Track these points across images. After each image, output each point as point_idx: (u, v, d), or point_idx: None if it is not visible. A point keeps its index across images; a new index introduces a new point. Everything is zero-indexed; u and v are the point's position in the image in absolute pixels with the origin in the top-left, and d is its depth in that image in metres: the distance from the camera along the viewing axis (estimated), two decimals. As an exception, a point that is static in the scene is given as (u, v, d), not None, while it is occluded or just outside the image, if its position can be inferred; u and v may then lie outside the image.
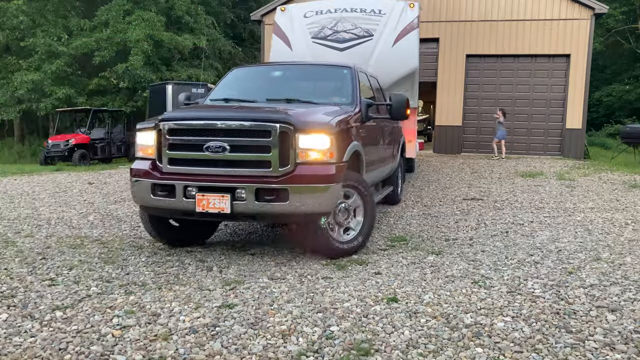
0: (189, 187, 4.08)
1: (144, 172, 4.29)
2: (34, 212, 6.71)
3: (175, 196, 4.10)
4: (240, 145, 4.06)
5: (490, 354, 2.50)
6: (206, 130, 4.15)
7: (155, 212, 4.44)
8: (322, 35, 7.99)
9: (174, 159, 4.21)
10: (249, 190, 3.96)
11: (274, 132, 3.96)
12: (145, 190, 4.23)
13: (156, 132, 4.28)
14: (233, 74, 5.99)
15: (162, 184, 4.18)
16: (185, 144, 4.22)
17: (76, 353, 2.49)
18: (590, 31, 16.43)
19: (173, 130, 4.22)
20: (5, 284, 3.50)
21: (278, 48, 8.25)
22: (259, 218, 4.22)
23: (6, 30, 20.88)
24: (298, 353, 2.51)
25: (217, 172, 4.09)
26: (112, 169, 13.36)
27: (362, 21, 8.01)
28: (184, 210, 4.15)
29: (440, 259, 4.40)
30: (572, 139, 16.66)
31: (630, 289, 3.42)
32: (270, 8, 19.70)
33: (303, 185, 3.98)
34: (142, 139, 4.47)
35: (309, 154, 4.06)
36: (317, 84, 5.88)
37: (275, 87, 5.76)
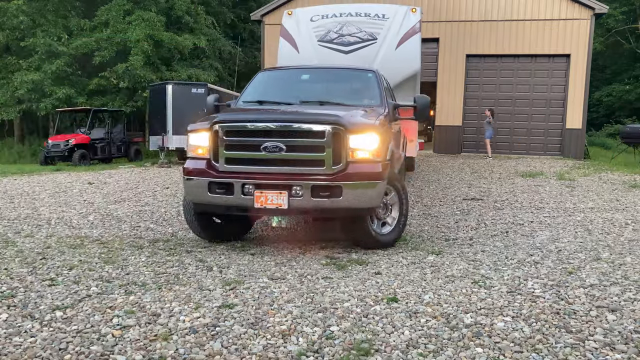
0: (247, 184, 4.32)
1: (200, 171, 4.51)
2: (34, 212, 6.71)
3: (234, 193, 4.34)
4: (296, 146, 4.33)
5: (490, 354, 2.50)
6: (263, 132, 4.40)
7: (210, 208, 4.66)
8: (328, 38, 8.22)
9: (231, 158, 4.44)
10: (306, 187, 4.23)
11: (328, 133, 4.26)
12: (202, 188, 4.46)
13: (211, 133, 4.48)
14: (261, 77, 6.16)
15: (220, 182, 4.40)
16: (242, 145, 4.47)
17: (76, 353, 2.49)
18: (590, 31, 16.44)
19: (230, 132, 4.45)
20: (5, 284, 3.50)
21: (285, 50, 8.47)
22: (314, 213, 4.53)
23: (6, 30, 20.89)
24: (298, 353, 2.51)
25: (273, 170, 4.34)
26: (112, 169, 13.36)
27: (367, 25, 8.23)
28: (242, 206, 4.39)
29: (440, 259, 4.40)
30: (572, 139, 16.67)
31: (630, 289, 3.42)
32: (270, 8, 19.72)
33: (355, 182, 4.27)
34: (196, 139, 4.64)
35: (359, 153, 4.35)
36: (345, 87, 6.08)
37: (305, 90, 5.98)
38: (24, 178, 10.51)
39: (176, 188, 9.18)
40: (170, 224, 6.15)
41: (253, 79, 6.12)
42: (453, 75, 17.19)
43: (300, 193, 4.24)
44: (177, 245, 4.97)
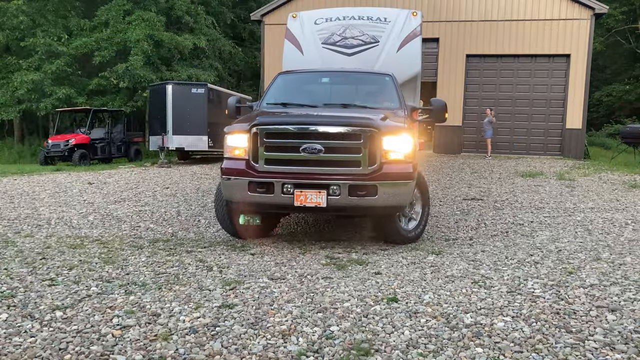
0: (286, 184, 4.52)
1: (239, 171, 4.70)
2: (34, 212, 6.71)
3: (274, 192, 4.54)
4: (334, 147, 4.57)
5: (490, 354, 2.50)
6: (303, 134, 4.60)
7: (250, 207, 4.85)
8: (331, 41, 8.43)
9: (271, 159, 4.64)
10: (344, 187, 4.47)
11: (364, 135, 4.52)
12: (241, 187, 4.64)
13: (251, 135, 4.66)
14: (280, 79, 6.31)
15: (260, 181, 4.59)
16: (282, 146, 4.66)
17: (76, 353, 2.49)
18: (590, 31, 16.44)
19: (271, 134, 4.64)
20: (5, 284, 3.49)
21: (290, 52, 8.74)
22: (350, 211, 4.76)
23: (6, 30, 20.88)
24: (298, 353, 2.51)
25: (312, 170, 4.57)
26: (112, 169, 13.36)
27: (369, 28, 8.44)
28: (282, 204, 4.61)
29: (440, 259, 4.40)
30: (572, 139, 16.67)
31: (630, 289, 3.42)
32: (270, 8, 19.73)
33: (389, 181, 4.54)
34: (234, 141, 4.82)
35: (392, 155, 4.61)
36: (364, 90, 6.31)
37: (326, 93, 6.23)
38: (24, 178, 10.51)
39: (176, 188, 9.18)
40: (170, 224, 6.15)
41: (273, 82, 6.27)
42: (453, 75, 17.19)
43: (338, 192, 4.47)
44: (177, 245, 4.97)
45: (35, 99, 20.70)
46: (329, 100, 5.87)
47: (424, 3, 17.18)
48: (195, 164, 15.42)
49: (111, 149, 18.38)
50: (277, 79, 6.33)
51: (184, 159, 16.72)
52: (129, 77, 20.13)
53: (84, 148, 17.01)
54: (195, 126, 14.77)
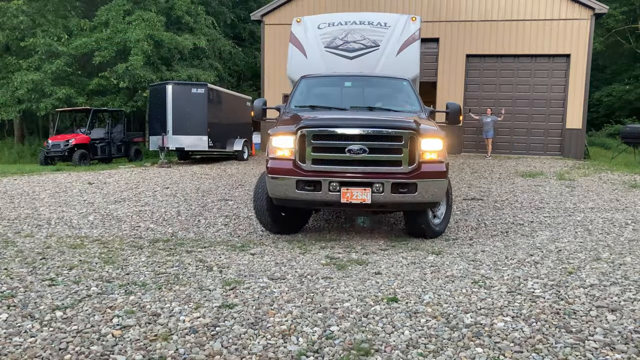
0: (333, 182, 4.86)
1: (287, 171, 4.99)
2: (34, 212, 6.71)
3: (321, 190, 4.87)
4: (378, 148, 4.91)
5: (490, 354, 2.50)
6: (349, 136, 4.92)
7: (296, 204, 5.19)
8: (333, 45, 8.78)
9: (318, 159, 4.92)
10: (387, 184, 4.83)
11: (405, 137, 4.86)
12: (289, 185, 4.95)
13: (297, 137, 4.95)
14: (304, 83, 6.63)
15: (308, 180, 4.90)
16: (329, 147, 4.95)
17: (76, 353, 2.49)
18: (590, 31, 16.44)
19: (318, 136, 4.93)
20: (5, 284, 3.49)
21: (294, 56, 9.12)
22: (391, 207, 5.14)
23: (6, 30, 20.88)
24: (298, 353, 2.51)
25: (357, 170, 4.90)
26: (112, 169, 13.37)
27: (370, 33, 8.80)
28: (328, 201, 4.95)
29: (440, 259, 4.40)
30: (572, 139, 16.67)
31: (630, 289, 3.42)
32: (270, 8, 19.74)
33: (427, 179, 4.91)
34: (280, 142, 5.11)
35: (428, 155, 4.98)
36: (385, 94, 6.64)
37: (350, 96, 6.52)
38: (24, 178, 10.51)
39: (176, 188, 9.18)
40: (170, 224, 6.15)
41: (297, 85, 6.60)
42: (453, 75, 17.19)
43: (382, 189, 4.83)
44: (177, 245, 4.97)
45: (35, 99, 20.69)
46: (355, 103, 6.15)
47: (423, 3, 17.18)
48: (195, 164, 15.42)
49: (111, 149, 18.37)
50: (301, 82, 6.63)
51: (184, 159, 16.72)
52: (129, 77, 20.12)
53: (84, 148, 17.01)
54: (195, 126, 14.76)
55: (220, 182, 10.26)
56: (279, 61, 19.72)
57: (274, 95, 20.35)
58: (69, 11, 22.65)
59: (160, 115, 15.00)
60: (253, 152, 18.49)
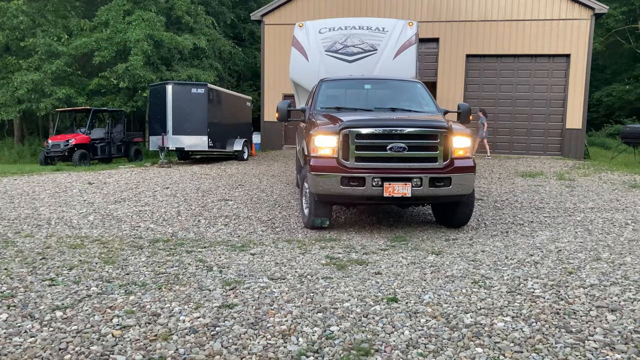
0: (376, 178, 5.24)
1: (331, 168, 5.37)
2: (34, 212, 6.71)
3: (365, 185, 5.25)
4: (416, 146, 5.35)
5: (490, 354, 2.50)
6: (389, 135, 5.34)
7: (340, 199, 5.54)
8: (334, 49, 9.18)
9: (361, 157, 5.32)
10: (425, 179, 5.27)
11: (440, 135, 5.34)
12: (334, 182, 5.32)
13: (340, 136, 5.33)
14: (325, 86, 7.01)
15: (353, 176, 5.27)
16: (371, 146, 5.36)
17: (76, 353, 2.49)
18: (590, 31, 16.44)
19: (360, 135, 5.31)
20: (5, 284, 3.49)
21: (296, 58, 9.56)
22: (428, 200, 5.58)
23: (6, 30, 20.88)
24: (298, 353, 2.51)
25: (397, 166, 5.32)
26: (112, 169, 13.37)
27: (368, 37, 9.17)
28: (371, 196, 5.30)
29: (440, 259, 4.40)
30: (572, 139, 16.67)
31: (630, 289, 3.42)
32: (270, 8, 19.73)
33: (460, 173, 5.38)
34: (322, 141, 5.47)
35: (459, 151, 5.46)
36: (402, 96, 7.05)
37: (372, 98, 6.97)
38: (24, 178, 10.51)
39: (176, 188, 9.18)
40: (170, 224, 6.15)
41: (319, 88, 6.97)
42: (453, 76, 17.19)
43: (420, 184, 5.26)
44: (177, 245, 4.97)
45: (35, 99, 20.69)
46: (378, 105, 6.59)
47: (423, 3, 17.18)
48: (195, 164, 15.42)
49: (111, 149, 18.37)
50: (322, 85, 7.01)
51: (184, 159, 16.72)
52: (129, 77, 20.12)
53: (84, 148, 17.00)
54: (195, 126, 14.76)
55: (220, 182, 10.26)
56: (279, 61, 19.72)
57: (274, 95, 20.35)
58: (69, 11, 22.66)
59: (160, 115, 14.99)
60: (253, 152, 18.48)
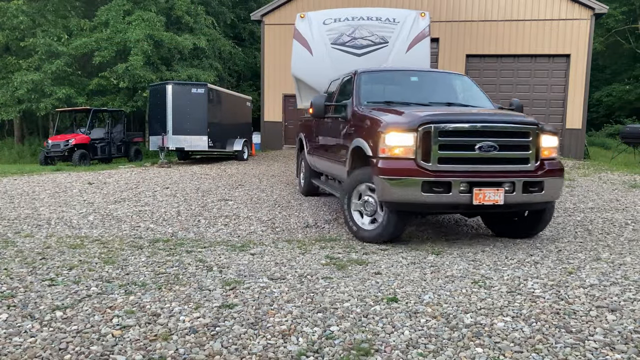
0: (463, 182, 4.47)
1: (409, 171, 4.52)
2: (34, 212, 6.71)
3: (450, 192, 4.44)
4: (507, 145, 4.63)
5: (490, 354, 2.50)
6: (478, 132, 4.58)
7: (420, 208, 4.75)
8: (340, 41, 8.49)
9: (445, 158, 4.52)
10: (518, 183, 4.55)
11: (532, 133, 4.67)
12: (414, 188, 4.48)
13: (419, 134, 4.51)
14: (366, 78, 6.13)
15: (437, 181, 4.47)
16: (456, 145, 4.57)
17: (76, 353, 2.49)
18: (590, 31, 16.45)
19: (445, 132, 4.52)
20: (5, 284, 3.50)
21: (299, 52, 8.84)
22: (521, 207, 4.85)
23: (6, 30, 20.89)
24: (298, 353, 2.51)
25: (488, 169, 4.56)
26: (112, 169, 13.37)
27: (378, 29, 8.51)
28: (457, 204, 4.55)
29: (440, 259, 4.40)
30: (572, 139, 16.68)
31: (630, 289, 3.42)
32: (270, 8, 19.73)
33: (552, 177, 4.74)
34: (396, 140, 4.63)
35: (546, 152, 4.83)
36: (453, 89, 6.39)
37: (421, 91, 6.21)
38: (24, 178, 10.51)
39: (176, 188, 9.18)
40: (170, 224, 6.15)
41: (357, 80, 6.06)
42: (453, 75, 17.17)
43: (513, 189, 4.55)
44: (177, 245, 4.97)
45: (35, 99, 20.70)
46: (430, 99, 5.84)
47: (424, 3, 17.18)
48: (195, 164, 15.42)
49: (111, 149, 18.38)
50: (362, 77, 6.10)
51: (184, 159, 16.72)
52: (129, 77, 20.13)
53: (84, 148, 17.01)
54: (195, 126, 14.77)
55: (220, 182, 10.26)
56: (279, 61, 19.72)
57: (274, 95, 20.35)
58: (69, 11, 22.67)
59: (160, 115, 15.00)
60: (253, 152, 18.49)
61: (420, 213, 5.18)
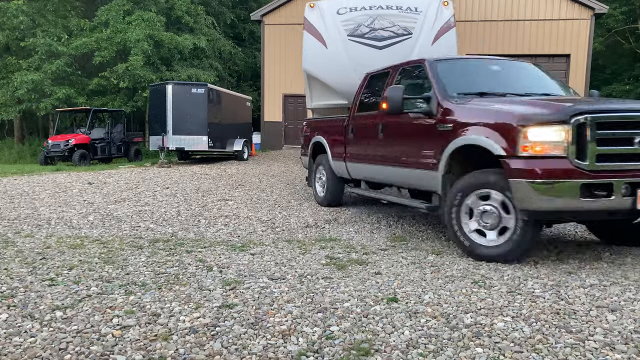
0: (625, 184, 3.76)
1: (565, 172, 3.78)
2: (34, 212, 6.71)
3: (613, 195, 3.73)
4: None
5: (490, 354, 2.50)
6: (636, 123, 3.88)
7: (574, 216, 4.16)
8: (358, 33, 7.77)
9: (603, 154, 3.81)
10: None
11: None
12: (571, 192, 3.75)
13: (572, 127, 3.79)
14: (446, 68, 5.40)
15: (597, 183, 3.75)
16: (615, 138, 3.88)
17: (76, 353, 2.49)
18: (590, 31, 16.47)
19: (603, 124, 3.83)
20: (5, 284, 3.50)
21: (311, 46, 8.02)
22: None
23: (6, 30, 20.91)
24: (298, 353, 2.51)
25: None
26: (112, 169, 13.37)
27: (400, 19, 7.80)
28: (620, 209, 3.80)
29: (440, 259, 4.40)
30: (572, 139, 16.66)
31: (630, 289, 3.42)
32: (270, 8, 19.74)
33: None
34: (546, 134, 3.89)
35: None
36: (530, 78, 5.77)
37: (507, 81, 5.54)
38: (24, 178, 10.51)
39: (176, 188, 9.19)
40: (170, 224, 6.15)
41: (434, 70, 5.28)
42: (453, 75, 17.18)
43: None
44: (177, 245, 4.97)
45: (35, 99, 20.72)
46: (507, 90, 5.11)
47: (424, 3, 17.18)
48: (195, 164, 15.43)
49: (111, 149, 18.40)
50: (438, 66, 5.34)
51: (184, 159, 16.73)
52: (129, 77, 20.14)
53: (84, 148, 17.03)
54: (195, 126, 14.78)
55: (220, 182, 10.26)
56: (279, 61, 19.73)
57: (274, 95, 20.36)
58: (69, 11, 22.69)
59: (160, 115, 15.01)
60: (253, 152, 18.49)
61: (567, 221, 4.53)
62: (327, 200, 7.49)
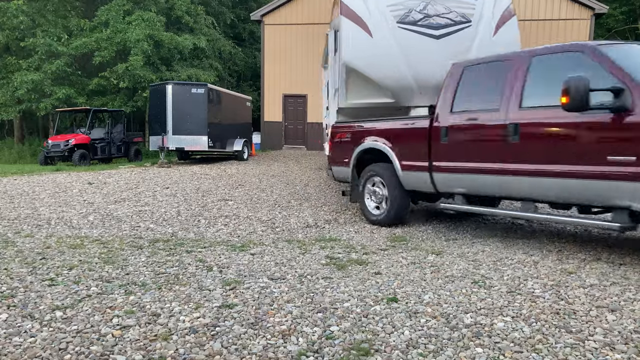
0: None
1: None
2: (34, 212, 6.71)
3: None
4: None
5: (490, 354, 2.50)
6: None
7: None
8: (410, 19, 6.76)
9: None
10: None
11: None
12: None
13: None
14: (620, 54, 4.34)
15: None
16: None
17: (76, 353, 2.49)
18: (590, 31, 16.46)
19: None
20: (5, 284, 3.50)
21: (352, 34, 6.80)
22: None
23: (6, 30, 20.90)
24: (298, 353, 2.51)
25: None
26: (112, 169, 13.37)
27: (456, 4, 6.87)
28: None
29: (440, 259, 4.40)
30: (572, 139, 16.65)
31: (630, 289, 3.42)
32: (270, 8, 19.75)
33: None
34: None
35: None
36: None
37: None
38: (24, 178, 10.51)
39: (176, 188, 9.19)
40: (170, 224, 6.15)
41: (611, 56, 4.25)
42: (453, 75, 17.17)
43: None
44: (177, 245, 4.97)
45: (35, 99, 20.71)
46: None
47: (424, 3, 17.17)
48: (195, 164, 15.43)
49: (111, 149, 18.39)
50: (609, 53, 4.27)
51: (184, 159, 16.73)
52: (129, 77, 20.14)
53: (84, 148, 17.02)
54: (195, 126, 14.78)
55: (220, 182, 10.26)
56: (279, 61, 19.73)
57: (274, 95, 20.37)
58: (69, 11, 22.68)
59: (160, 116, 15.01)
60: (253, 152, 18.49)
61: None
62: (389, 219, 6.03)
